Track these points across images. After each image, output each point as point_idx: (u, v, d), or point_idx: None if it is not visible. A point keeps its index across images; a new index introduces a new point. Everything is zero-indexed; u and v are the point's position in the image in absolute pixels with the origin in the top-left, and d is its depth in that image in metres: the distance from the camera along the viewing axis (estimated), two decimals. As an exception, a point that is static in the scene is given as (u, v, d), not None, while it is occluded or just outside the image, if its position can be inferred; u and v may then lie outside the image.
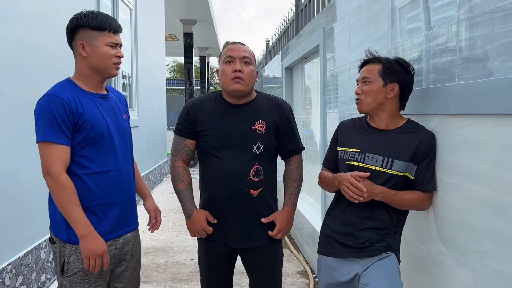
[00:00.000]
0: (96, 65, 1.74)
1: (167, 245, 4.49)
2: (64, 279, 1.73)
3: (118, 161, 1.80)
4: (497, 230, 1.38)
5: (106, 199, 1.75)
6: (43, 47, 3.27)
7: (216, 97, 2.04)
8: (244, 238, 1.99)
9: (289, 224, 2.04)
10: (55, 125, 1.62)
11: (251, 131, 1.95)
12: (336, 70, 3.10)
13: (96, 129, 1.71)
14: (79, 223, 1.65)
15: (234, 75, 1.90)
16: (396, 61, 1.76)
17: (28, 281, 3.06)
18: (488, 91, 1.39)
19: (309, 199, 4.58)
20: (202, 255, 2.11)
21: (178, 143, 2.05)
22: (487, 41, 1.41)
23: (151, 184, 7.60)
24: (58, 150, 1.63)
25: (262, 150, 1.96)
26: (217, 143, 1.96)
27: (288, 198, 2.06)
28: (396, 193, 1.68)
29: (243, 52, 1.95)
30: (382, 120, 1.77)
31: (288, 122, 2.04)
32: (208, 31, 14.21)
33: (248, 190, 1.95)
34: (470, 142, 1.51)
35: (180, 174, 2.04)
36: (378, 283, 1.63)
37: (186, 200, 2.04)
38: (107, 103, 1.82)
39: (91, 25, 1.71)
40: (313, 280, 3.45)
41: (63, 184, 1.63)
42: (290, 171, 2.09)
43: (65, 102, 1.64)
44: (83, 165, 1.70)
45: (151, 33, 7.80)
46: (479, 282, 1.47)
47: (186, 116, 2.02)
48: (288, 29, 6.10)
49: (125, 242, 1.86)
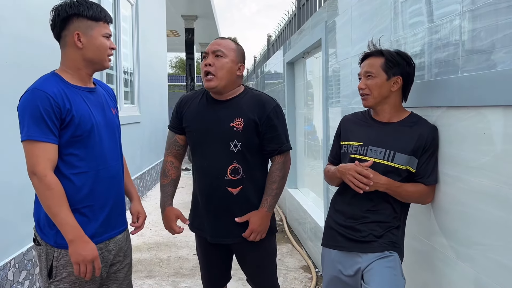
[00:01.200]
0: (92, 57, 1.64)
1: (169, 240, 4.50)
2: (52, 284, 1.62)
3: (107, 159, 1.70)
4: (500, 222, 1.38)
5: (96, 199, 1.65)
6: (43, 42, 3.27)
7: (203, 93, 2.05)
8: (222, 234, 1.99)
9: (262, 225, 1.97)
10: (41, 122, 1.51)
11: (228, 128, 1.91)
12: (338, 64, 3.09)
13: (84, 125, 1.60)
14: (68, 226, 1.53)
15: (204, 69, 1.90)
16: (397, 53, 1.75)
17: (32, 276, 3.07)
18: (491, 83, 1.38)
19: (311, 194, 4.58)
20: (198, 249, 2.18)
21: (169, 138, 2.10)
22: (491, 32, 1.40)
23: (153, 179, 7.61)
24: (45, 148, 1.52)
25: (240, 148, 1.91)
26: (197, 140, 1.98)
27: (265, 200, 1.99)
28: (400, 185, 1.68)
29: (216, 45, 1.91)
30: (385, 113, 1.76)
31: (269, 121, 1.94)
32: (210, 27, 14.17)
33: (226, 188, 1.94)
34: (473, 135, 1.50)
35: (166, 169, 2.11)
36: (381, 286, 1.63)
37: (164, 195, 2.11)
38: (95, 97, 1.72)
39: (87, 15, 1.60)
40: (315, 275, 3.46)
41: (50, 185, 1.52)
42: (271, 172, 2.01)
43: (51, 97, 1.53)
44: (71, 164, 1.60)
45: (152, 29, 7.79)
46: (482, 274, 1.47)
47: (175, 111, 2.07)
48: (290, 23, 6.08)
49: (117, 245, 1.77)
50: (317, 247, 3.55)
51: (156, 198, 6.67)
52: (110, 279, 1.79)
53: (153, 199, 6.58)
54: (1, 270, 2.70)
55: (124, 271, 1.84)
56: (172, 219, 2.07)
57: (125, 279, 1.84)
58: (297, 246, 4.23)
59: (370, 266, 1.69)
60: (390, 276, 1.66)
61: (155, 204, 6.18)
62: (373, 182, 1.63)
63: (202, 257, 2.15)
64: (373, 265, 1.68)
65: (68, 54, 1.65)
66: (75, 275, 1.62)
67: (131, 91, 6.49)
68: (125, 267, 1.84)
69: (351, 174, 1.66)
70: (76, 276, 1.61)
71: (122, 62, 5.76)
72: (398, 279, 1.67)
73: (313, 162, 4.46)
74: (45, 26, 3.29)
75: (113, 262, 1.78)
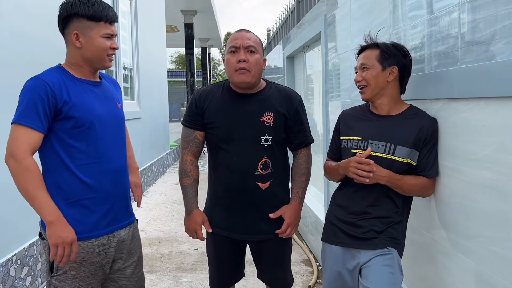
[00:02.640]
0: (90, 57, 1.66)
1: (171, 235, 4.51)
2: (53, 278, 1.64)
3: (111, 152, 1.71)
4: (500, 213, 1.37)
5: (98, 192, 1.66)
6: (42, 38, 3.26)
7: (223, 87, 1.98)
8: (251, 230, 1.96)
9: (297, 219, 1.99)
10: (33, 109, 1.53)
11: (259, 123, 1.89)
12: (337, 57, 3.08)
13: (85, 117, 1.62)
14: (47, 207, 1.53)
15: (238, 66, 1.83)
16: (392, 45, 1.74)
17: (34, 272, 3.08)
18: (491, 74, 1.37)
19: (312, 189, 4.58)
20: (210, 248, 2.09)
21: (187, 136, 1.99)
22: (490, 23, 1.39)
23: (154, 175, 7.62)
24: (29, 134, 1.52)
25: (270, 143, 1.90)
26: (224, 135, 1.91)
27: (296, 192, 2.01)
28: (401, 178, 1.67)
29: (247, 40, 1.86)
30: (384, 106, 1.76)
31: (297, 114, 1.97)
32: (209, 22, 14.14)
33: (256, 184, 1.91)
34: (473, 126, 1.49)
35: (187, 169, 2.00)
36: (377, 284, 1.63)
37: (189, 197, 2.00)
38: (100, 91, 1.73)
39: (86, 15, 1.61)
40: (316, 269, 3.47)
41: (29, 167, 1.51)
42: (298, 164, 2.04)
43: (48, 86, 1.55)
44: (73, 156, 1.61)
45: (152, 24, 7.77)
46: (483, 266, 1.47)
47: (194, 107, 1.96)
48: (289, 17, 6.06)
49: (119, 240, 1.76)
50: (318, 241, 3.56)
51: (157, 193, 6.68)
52: (117, 276, 1.80)
53: (154, 194, 6.59)
54: (3, 266, 2.71)
55: (131, 268, 1.83)
56: (199, 223, 1.98)
57: (133, 276, 1.84)
58: (298, 240, 4.24)
59: (369, 263, 1.69)
60: (387, 275, 1.66)
61: (156, 200, 6.19)
62: (374, 172, 1.63)
63: (217, 255, 2.06)
64: (371, 262, 1.68)
65: (70, 51, 1.69)
66: (76, 270, 1.63)
67: (131, 87, 6.49)
68: (132, 264, 1.83)
69: (353, 165, 1.65)
70: (77, 271, 1.63)
71: (121, 58, 5.75)
72: (395, 277, 1.67)
73: (313, 157, 4.45)
74: (42, 22, 3.29)
75: (115, 259, 1.78)
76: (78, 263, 1.64)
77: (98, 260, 1.69)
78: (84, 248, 1.65)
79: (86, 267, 1.66)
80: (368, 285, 1.64)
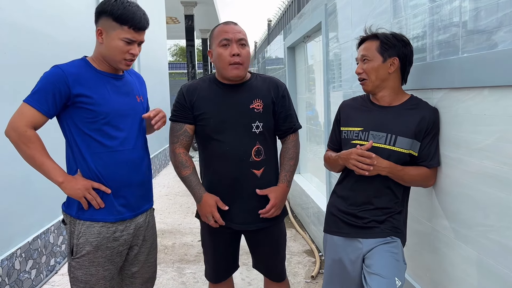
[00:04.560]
0: (106, 55, 1.72)
1: (174, 227, 4.53)
2: (73, 260, 1.73)
3: (127, 142, 1.77)
4: (501, 203, 1.37)
5: (113, 181, 1.73)
6: (42, 32, 3.25)
7: (210, 79, 2.01)
8: (251, 219, 1.98)
9: (283, 201, 2.01)
10: (43, 93, 1.63)
11: (249, 110, 1.93)
12: (338, 48, 3.06)
13: (102, 109, 1.69)
14: (56, 171, 1.65)
15: (232, 60, 1.86)
16: (392, 35, 1.73)
17: (38, 265, 3.11)
18: (492, 63, 1.36)
19: (314, 179, 4.59)
20: (206, 238, 2.10)
21: (176, 130, 2.00)
22: (491, 11, 1.38)
23: (157, 168, 7.64)
24: (34, 114, 1.63)
25: (261, 129, 1.94)
26: (216, 126, 1.93)
27: (284, 175, 2.03)
28: (403, 169, 1.67)
29: (238, 34, 1.89)
30: (385, 96, 1.75)
31: (284, 100, 2.02)
32: (209, 13, 14.05)
33: (251, 170, 1.95)
34: (474, 116, 1.49)
35: (183, 160, 2.00)
36: (383, 269, 1.63)
37: (194, 185, 2.00)
38: (121, 84, 1.80)
39: (113, 15, 1.67)
40: (319, 259, 3.48)
41: (31, 137, 1.63)
42: (287, 149, 2.06)
43: (64, 75, 1.64)
44: (89, 145, 1.70)
45: (152, 16, 7.68)
46: (484, 255, 1.47)
47: (183, 101, 1.98)
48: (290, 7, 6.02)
49: (137, 227, 1.83)
50: (320, 231, 3.57)
51: (159, 185, 6.70)
52: (131, 263, 1.87)
53: (156, 187, 6.62)
54: (8, 260, 2.73)
55: (144, 254, 1.89)
56: (213, 205, 1.95)
57: (146, 262, 1.91)
58: (301, 231, 4.25)
59: (372, 251, 1.69)
60: (392, 261, 1.67)
61: (159, 192, 6.22)
62: (375, 165, 1.63)
63: (213, 246, 2.08)
64: (375, 250, 1.69)
65: (96, 45, 1.76)
66: (93, 254, 1.71)
67: (132, 79, 6.47)
68: (145, 251, 1.89)
69: (353, 157, 1.65)
70: (95, 255, 1.72)
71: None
72: (400, 264, 1.68)
73: (315, 147, 4.46)
74: (43, 16, 3.28)
75: (132, 245, 1.84)
76: (95, 247, 1.71)
77: (115, 246, 1.76)
78: (101, 233, 1.73)
79: (103, 252, 1.73)
80: (372, 270, 1.64)
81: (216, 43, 1.90)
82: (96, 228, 1.72)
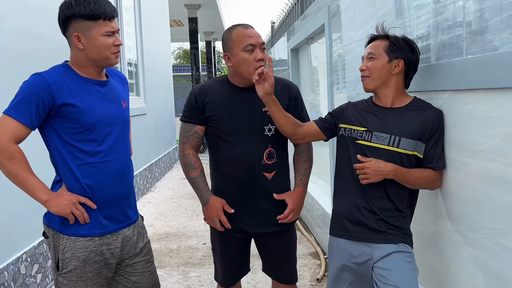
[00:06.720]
0: (94, 57, 1.63)
1: (179, 230, 4.53)
2: (59, 276, 1.65)
3: (113, 152, 1.70)
4: (507, 205, 1.36)
5: (99, 192, 1.66)
6: (45, 37, 3.27)
7: (222, 81, 2.00)
8: (262, 222, 1.97)
9: (300, 205, 2.01)
10: (25, 103, 1.53)
11: (261, 113, 1.91)
12: (342, 49, 3.05)
13: (87, 118, 1.62)
14: (40, 188, 1.58)
15: (258, 65, 1.85)
16: (403, 39, 1.73)
17: (44, 269, 3.12)
18: (496, 65, 1.35)
19: (319, 181, 4.58)
20: (216, 243, 2.09)
21: (187, 130, 1.99)
22: (495, 12, 1.37)
23: (161, 170, 7.65)
24: (16, 126, 1.53)
25: (273, 132, 1.93)
26: (228, 128, 1.92)
27: (300, 179, 2.03)
28: (408, 171, 1.66)
29: (260, 38, 1.90)
30: (388, 98, 1.74)
31: (297, 102, 2.02)
32: (213, 16, 14.09)
33: (262, 173, 1.94)
34: (479, 118, 1.48)
35: (192, 161, 1.99)
36: (401, 281, 1.60)
37: (201, 187, 1.99)
38: (106, 91, 1.72)
39: (84, 15, 1.58)
40: (324, 261, 3.47)
41: (15, 153, 1.53)
42: (300, 152, 2.06)
43: (47, 83, 1.55)
44: (75, 156, 1.62)
45: (155, 19, 7.75)
46: (490, 258, 1.46)
47: (194, 102, 1.96)
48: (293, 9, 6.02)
49: (125, 240, 1.76)
50: (326, 233, 3.56)
51: (164, 188, 6.71)
52: (127, 271, 1.80)
53: (162, 189, 6.63)
54: (14, 265, 2.74)
55: (142, 263, 1.83)
56: (219, 208, 1.95)
57: (145, 272, 1.84)
58: (306, 233, 4.24)
59: (387, 259, 1.66)
60: (410, 273, 1.65)
61: (164, 195, 6.22)
62: (380, 169, 1.61)
63: (223, 250, 2.05)
64: (390, 259, 1.66)
65: (74, 53, 1.67)
66: (81, 268, 1.64)
67: (136, 82, 6.49)
68: (142, 260, 1.83)
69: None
70: (83, 270, 1.64)
71: (126, 54, 5.75)
72: (416, 274, 1.67)
73: (320, 149, 4.44)
74: (46, 20, 3.30)
75: (123, 258, 1.78)
76: (82, 262, 1.65)
77: (102, 259, 1.69)
78: (88, 247, 1.65)
79: (91, 266, 1.66)
80: (391, 282, 1.61)
81: (240, 48, 1.87)
82: (82, 242, 1.64)
